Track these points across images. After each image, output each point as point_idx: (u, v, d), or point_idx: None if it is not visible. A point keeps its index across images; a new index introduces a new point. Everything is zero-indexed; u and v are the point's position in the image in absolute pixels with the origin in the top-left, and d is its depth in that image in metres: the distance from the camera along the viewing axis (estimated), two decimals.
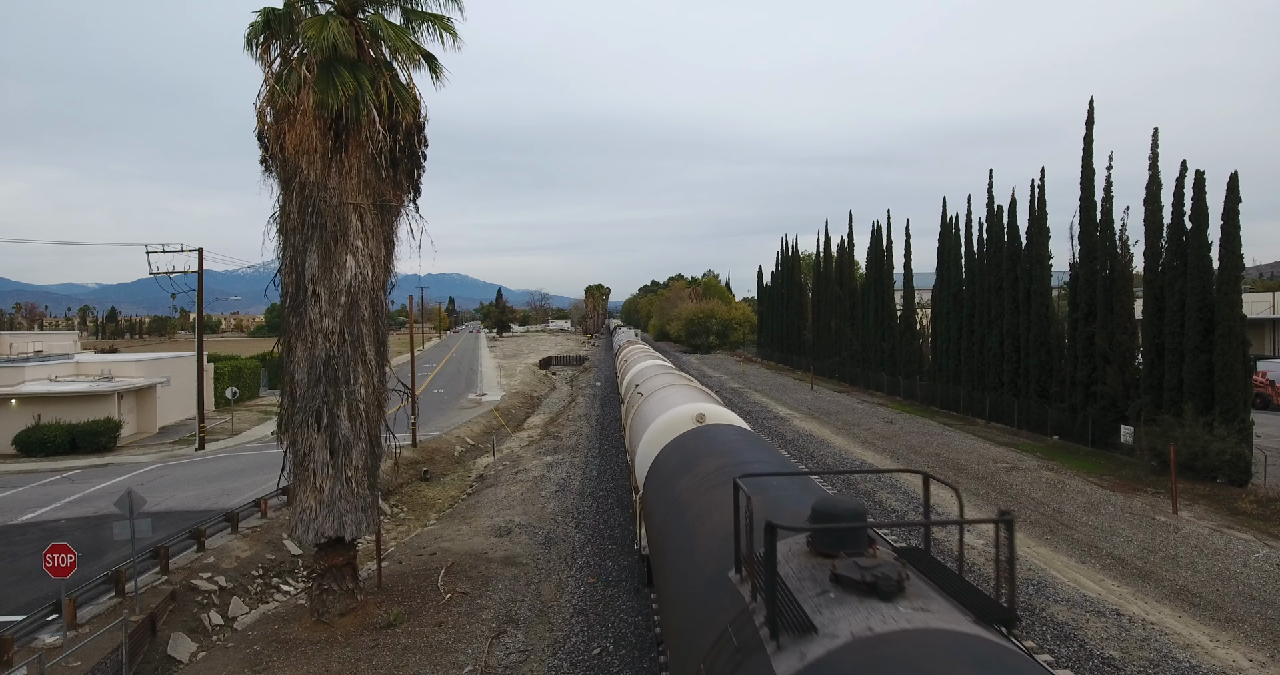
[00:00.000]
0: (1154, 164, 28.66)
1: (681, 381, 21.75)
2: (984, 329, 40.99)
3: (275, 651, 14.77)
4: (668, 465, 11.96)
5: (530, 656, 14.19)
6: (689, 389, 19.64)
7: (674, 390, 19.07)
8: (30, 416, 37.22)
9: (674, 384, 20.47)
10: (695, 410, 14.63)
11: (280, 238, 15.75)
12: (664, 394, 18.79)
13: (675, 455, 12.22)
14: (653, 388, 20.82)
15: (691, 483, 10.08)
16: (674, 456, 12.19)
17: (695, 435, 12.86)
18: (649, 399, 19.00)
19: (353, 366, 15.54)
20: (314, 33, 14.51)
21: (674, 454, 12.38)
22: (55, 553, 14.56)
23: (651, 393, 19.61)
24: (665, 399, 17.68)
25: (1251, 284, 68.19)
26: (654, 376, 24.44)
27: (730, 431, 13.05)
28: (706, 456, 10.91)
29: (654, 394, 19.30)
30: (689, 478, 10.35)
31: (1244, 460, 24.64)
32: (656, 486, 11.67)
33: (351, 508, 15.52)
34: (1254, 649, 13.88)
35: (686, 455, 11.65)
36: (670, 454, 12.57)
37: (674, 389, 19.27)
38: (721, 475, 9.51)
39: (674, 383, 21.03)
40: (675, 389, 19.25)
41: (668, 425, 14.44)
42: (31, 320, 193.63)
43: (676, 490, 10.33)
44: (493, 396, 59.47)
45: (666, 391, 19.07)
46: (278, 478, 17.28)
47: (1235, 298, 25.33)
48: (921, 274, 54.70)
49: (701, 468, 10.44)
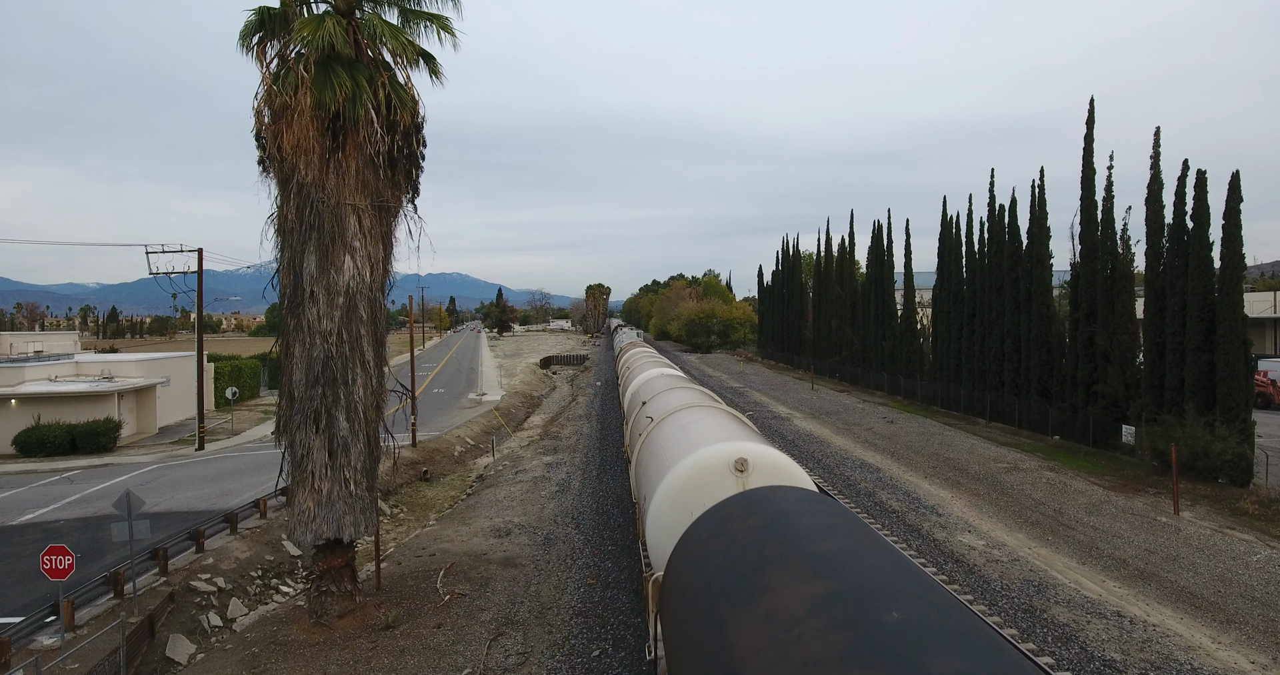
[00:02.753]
0: (1156, 163, 28.60)
1: (703, 401, 17.19)
2: (985, 328, 40.93)
3: (273, 654, 14.73)
4: (704, 571, 7.29)
5: (529, 658, 14.14)
6: (715, 413, 15.10)
7: (696, 417, 14.53)
8: (30, 417, 37.19)
9: (694, 405, 15.99)
10: (732, 453, 10.57)
11: (278, 238, 15.71)
12: (683, 422, 14.25)
13: (713, 548, 7.63)
14: (665, 408, 16.84)
15: (771, 650, 5.29)
16: (711, 550, 7.62)
17: (743, 508, 8.29)
18: (662, 428, 14.72)
19: (351, 368, 15.49)
20: (310, 32, 14.46)
21: (711, 543, 7.82)
22: (53, 555, 14.50)
23: (665, 417, 15.46)
24: (686, 431, 13.23)
25: (1252, 283, 68.10)
26: (665, 392, 19.73)
27: (796, 500, 8.26)
28: (776, 567, 6.33)
29: (669, 421, 15.01)
30: (754, 627, 5.68)
31: (1245, 460, 24.57)
32: (687, 604, 7.14)
33: (350, 509, 15.48)
34: (1256, 651, 13.82)
35: (734, 555, 7.11)
36: (705, 542, 7.99)
37: (695, 414, 14.83)
38: (832, 636, 5.00)
39: (693, 403, 16.46)
40: (697, 414, 14.79)
41: (694, 480, 10.48)
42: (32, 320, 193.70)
43: (729, 643, 5.80)
44: (493, 396, 59.43)
45: (686, 418, 14.67)
46: (276, 478, 17.23)
47: (1237, 297, 25.26)
48: (922, 273, 54.64)
49: (782, 603, 5.71)
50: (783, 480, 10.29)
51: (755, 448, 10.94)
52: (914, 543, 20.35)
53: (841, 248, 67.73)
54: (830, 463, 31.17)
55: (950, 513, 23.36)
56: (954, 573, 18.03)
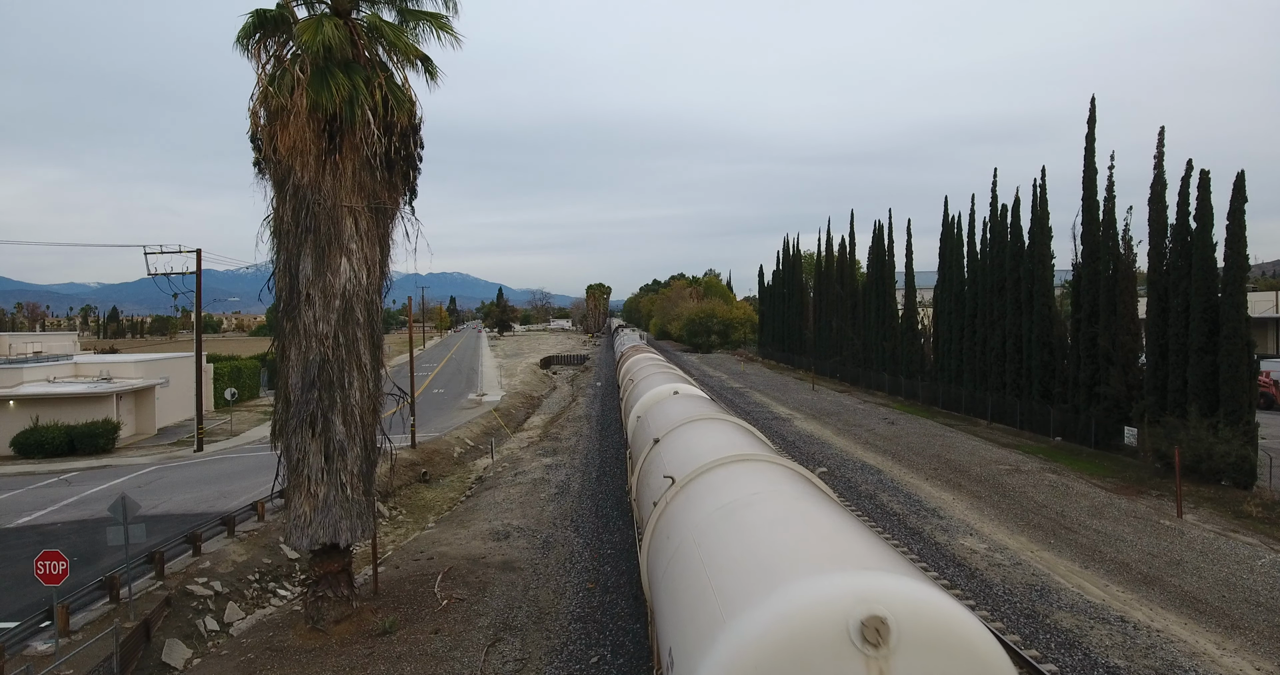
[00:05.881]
0: (1159, 163, 28.44)
1: (753, 447, 11.74)
2: (986, 329, 40.78)
3: (269, 660, 14.60)
4: None
5: (527, 665, 14.01)
6: (781, 479, 9.34)
7: (750, 485, 8.94)
8: (28, 418, 37.10)
9: (738, 457, 10.43)
10: (854, 598, 5.52)
11: (274, 241, 15.58)
12: (732, 500, 8.48)
13: None
14: (691, 456, 11.37)
15: None
16: None
17: None
18: (696, 508, 8.90)
19: (347, 371, 15.36)
20: (309, 36, 14.31)
21: None
22: (46, 560, 14.39)
23: (696, 477, 10.00)
24: (746, 527, 7.55)
25: (1255, 282, 67.93)
26: (687, 425, 14.15)
27: None
28: None
29: (704, 492, 9.30)
30: None
31: (1249, 463, 24.43)
32: None
33: (347, 514, 15.35)
34: (1261, 657, 13.68)
35: None
36: None
37: (748, 479, 9.26)
38: None
39: (736, 450, 10.95)
40: (751, 479, 9.22)
41: (780, 662, 5.41)
42: (33, 320, 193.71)
43: None
44: (493, 397, 59.31)
45: (733, 488, 8.94)
46: (273, 482, 17.11)
47: (1240, 299, 25.11)
48: (923, 273, 54.49)
49: None
50: (959, 660, 5.43)
51: (896, 585, 5.69)
52: (915, 546, 20.21)
53: (842, 247, 67.62)
54: (831, 464, 31.02)
55: (952, 515, 23.22)
56: (956, 577, 17.89)
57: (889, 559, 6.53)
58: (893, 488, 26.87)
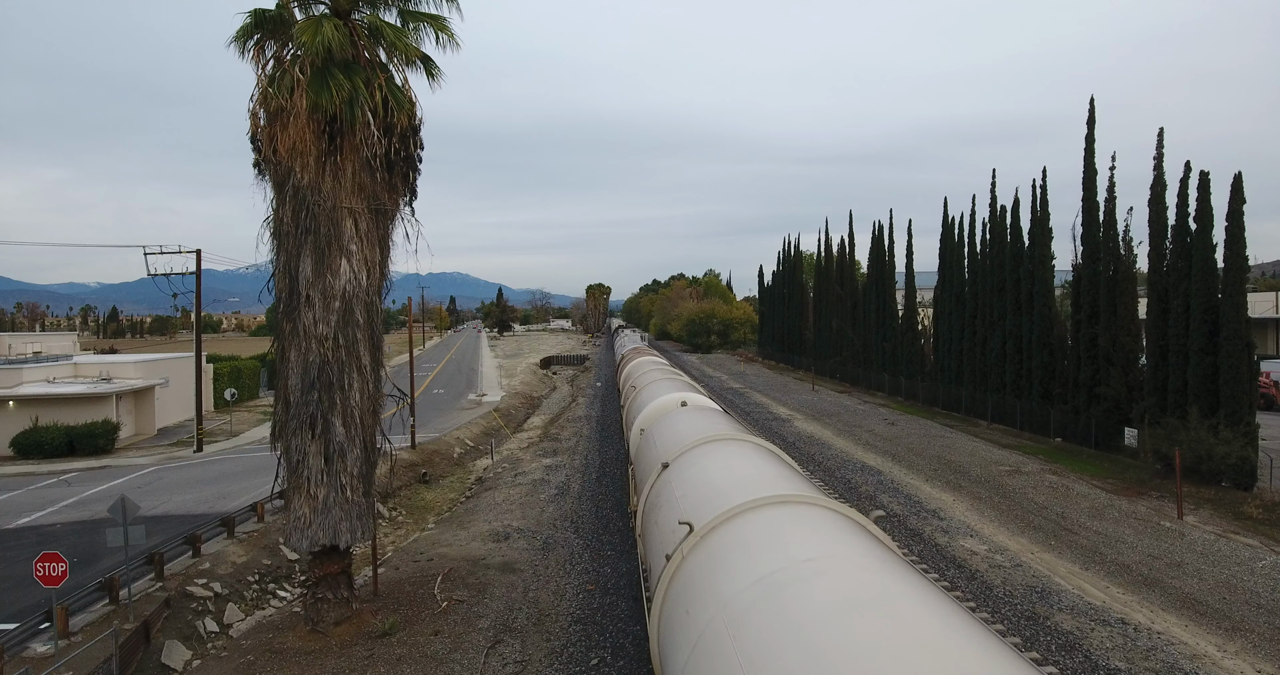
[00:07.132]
0: (1159, 164, 28.44)
1: (793, 487, 9.11)
2: (986, 330, 40.77)
3: (269, 662, 14.59)
4: None
5: (527, 667, 13.99)
6: (837, 538, 7.17)
7: (795, 546, 6.98)
8: (28, 418, 37.06)
9: (773, 499, 8.38)
10: None
11: (274, 242, 15.56)
12: (772, 569, 6.56)
13: None
14: (712, 496, 9.25)
15: None
16: None
17: None
18: (718, 543, 7.82)
19: (347, 372, 15.35)
20: (308, 38, 14.29)
21: None
22: (46, 561, 14.36)
23: (720, 524, 8.19)
24: (791, 597, 5.95)
25: (1254, 282, 67.89)
26: (701, 447, 12.08)
27: None
28: None
29: (729, 529, 7.98)
30: None
31: (1249, 464, 24.42)
32: None
33: (346, 516, 15.34)
34: (1262, 659, 13.66)
35: None
36: None
37: (791, 534, 7.39)
38: None
39: (771, 491, 8.72)
40: (793, 534, 7.38)
41: None
42: (33, 320, 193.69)
43: None
44: (493, 397, 59.28)
45: (773, 552, 6.97)
46: (273, 483, 17.09)
47: (1240, 300, 25.10)
48: (923, 273, 54.46)
49: None
50: None
51: None
52: (916, 547, 20.19)
53: (842, 248, 67.61)
54: (831, 465, 31.01)
55: (952, 516, 23.20)
56: (956, 578, 17.87)
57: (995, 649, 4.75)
58: (893, 489, 26.85)
